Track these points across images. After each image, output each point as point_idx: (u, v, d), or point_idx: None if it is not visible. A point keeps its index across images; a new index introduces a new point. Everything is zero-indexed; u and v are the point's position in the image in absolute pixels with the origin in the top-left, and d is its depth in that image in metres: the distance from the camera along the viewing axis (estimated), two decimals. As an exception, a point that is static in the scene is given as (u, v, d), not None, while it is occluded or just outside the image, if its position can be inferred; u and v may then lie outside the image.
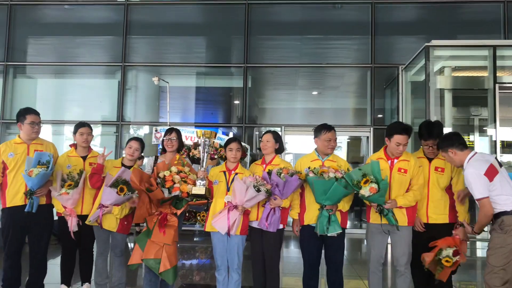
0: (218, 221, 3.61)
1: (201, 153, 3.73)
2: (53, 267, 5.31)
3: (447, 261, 3.29)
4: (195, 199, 3.55)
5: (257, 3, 9.92)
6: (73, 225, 3.89)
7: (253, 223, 3.76)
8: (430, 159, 3.73)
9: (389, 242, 3.72)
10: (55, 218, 4.19)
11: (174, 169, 3.52)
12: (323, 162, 3.71)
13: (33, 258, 4.00)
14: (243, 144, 4.06)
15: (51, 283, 4.25)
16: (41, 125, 4.05)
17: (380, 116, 9.71)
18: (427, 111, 7.39)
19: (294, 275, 5.25)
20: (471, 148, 3.44)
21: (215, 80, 10.75)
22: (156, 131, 8.14)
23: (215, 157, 7.38)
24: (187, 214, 7.61)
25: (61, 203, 3.92)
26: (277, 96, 10.95)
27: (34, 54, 10.67)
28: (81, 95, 10.60)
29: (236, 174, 3.71)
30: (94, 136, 4.38)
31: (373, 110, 9.45)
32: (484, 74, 7.99)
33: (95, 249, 4.16)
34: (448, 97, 7.88)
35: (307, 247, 3.72)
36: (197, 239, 8.12)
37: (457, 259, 3.29)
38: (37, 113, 4.02)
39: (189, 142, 7.87)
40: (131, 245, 6.66)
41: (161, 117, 10.06)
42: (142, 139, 4.18)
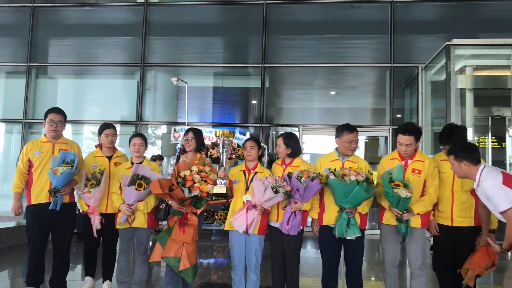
0: (237, 219, 3.62)
1: (220, 152, 3.75)
2: (75, 265, 5.41)
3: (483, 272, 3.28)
4: (215, 198, 3.57)
5: (275, 3, 9.93)
6: (96, 223, 3.99)
7: (273, 222, 3.75)
8: None
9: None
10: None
11: (194, 168, 3.54)
12: (343, 162, 3.66)
13: (56, 255, 4.07)
14: (262, 144, 4.05)
15: (73, 279, 4.33)
16: (63, 124, 4.09)
17: (399, 116, 9.61)
18: (447, 111, 7.30)
19: (311, 276, 5.23)
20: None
21: (232, 80, 10.80)
22: (174, 130, 8.21)
23: (233, 156, 7.41)
24: (205, 214, 7.65)
25: (84, 201, 4.02)
26: (294, 96, 10.93)
27: (55, 55, 10.87)
28: (100, 95, 10.77)
29: (256, 173, 3.71)
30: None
31: (392, 110, 9.37)
32: (507, 73, 7.85)
33: (118, 247, 4.22)
34: (469, 97, 7.76)
35: (326, 247, 3.69)
36: (214, 238, 8.16)
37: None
38: (58, 112, 4.07)
39: (207, 141, 7.91)
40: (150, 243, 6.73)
41: (179, 117, 10.14)
42: (143, 134, 4.25)
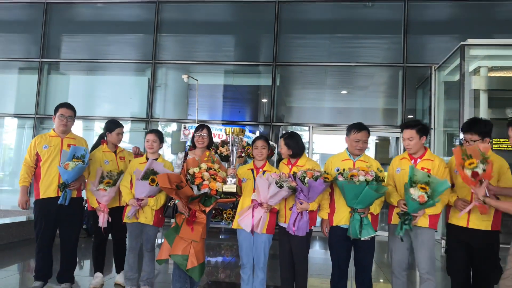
0: (244, 218, 3.60)
1: (230, 150, 3.72)
2: (82, 260, 5.43)
3: (471, 164, 3.02)
4: (224, 196, 3.53)
5: (287, 1, 9.87)
6: (103, 221, 4.00)
7: (281, 223, 3.71)
8: None
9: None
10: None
11: (204, 165, 3.51)
12: (354, 162, 3.61)
13: (63, 250, 4.08)
14: (270, 143, 4.02)
15: (81, 275, 4.34)
16: (73, 119, 4.11)
17: (410, 116, 9.50)
18: (460, 112, 7.19)
19: (320, 276, 5.19)
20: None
21: (243, 78, 10.77)
22: (184, 128, 8.20)
23: (242, 155, 7.38)
24: (213, 212, 7.64)
25: (96, 198, 4.02)
26: (305, 95, 10.87)
27: (67, 51, 10.93)
28: (111, 91, 10.81)
29: (264, 172, 3.67)
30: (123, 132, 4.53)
31: (404, 110, 9.26)
32: (522, 74, 7.72)
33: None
34: (483, 98, 7.64)
35: (336, 248, 3.64)
36: (222, 236, 8.15)
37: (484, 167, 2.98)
38: (69, 107, 4.10)
39: (216, 139, 7.89)
40: (158, 240, 6.74)
41: (189, 115, 10.14)
42: (158, 130, 4.24)
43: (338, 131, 9.07)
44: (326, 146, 10.52)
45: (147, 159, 4.03)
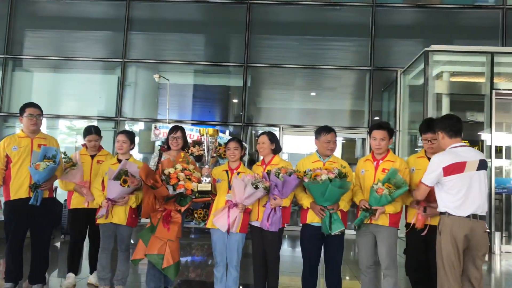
0: (219, 219, 3.68)
1: (204, 151, 3.79)
2: (56, 261, 5.35)
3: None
4: (199, 195, 3.61)
5: (258, 3, 9.96)
6: (88, 194, 4.12)
7: (253, 222, 3.81)
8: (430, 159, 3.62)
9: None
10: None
11: (179, 166, 3.57)
12: (324, 163, 3.75)
13: (35, 251, 4.03)
14: (243, 144, 4.12)
15: (53, 276, 4.29)
16: (41, 118, 4.09)
17: (377, 118, 9.79)
18: (424, 114, 7.49)
19: (290, 274, 5.30)
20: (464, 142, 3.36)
21: (214, 79, 10.78)
22: (155, 128, 8.15)
23: (214, 155, 7.42)
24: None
25: (70, 180, 4.12)
26: (275, 96, 11.00)
27: (33, 48, 10.62)
28: (79, 90, 10.58)
29: (238, 173, 3.77)
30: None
31: (371, 112, 9.53)
32: (481, 80, 8.10)
33: None
34: (445, 101, 8.00)
35: (307, 246, 3.76)
36: (193, 236, 8.17)
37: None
38: (36, 107, 4.07)
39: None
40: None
41: (159, 114, 10.08)
42: (129, 131, 4.27)
43: (307, 132, 9.23)
44: (296, 146, 10.71)
45: (119, 160, 4.05)
